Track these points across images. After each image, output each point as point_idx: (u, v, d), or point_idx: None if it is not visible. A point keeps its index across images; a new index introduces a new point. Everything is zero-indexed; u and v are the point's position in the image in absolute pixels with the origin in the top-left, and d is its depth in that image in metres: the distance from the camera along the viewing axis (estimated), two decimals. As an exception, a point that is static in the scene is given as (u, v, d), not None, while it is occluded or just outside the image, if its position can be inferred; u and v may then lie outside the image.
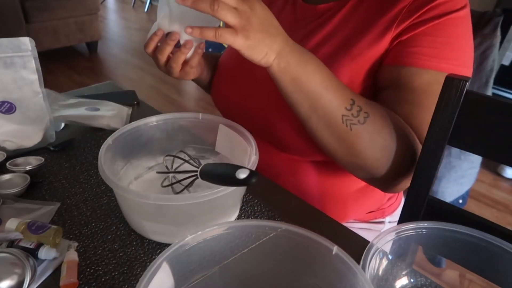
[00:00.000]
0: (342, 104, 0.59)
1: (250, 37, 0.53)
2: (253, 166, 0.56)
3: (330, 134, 0.61)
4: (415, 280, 0.53)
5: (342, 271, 0.40)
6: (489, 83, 1.02)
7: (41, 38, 3.17)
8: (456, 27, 0.62)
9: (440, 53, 0.62)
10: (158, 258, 0.39)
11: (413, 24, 0.63)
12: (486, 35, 0.96)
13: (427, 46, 0.62)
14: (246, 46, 0.54)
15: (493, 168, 2.20)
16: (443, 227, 0.50)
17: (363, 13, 0.68)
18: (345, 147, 0.62)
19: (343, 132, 0.60)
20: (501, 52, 2.12)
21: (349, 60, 0.66)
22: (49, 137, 0.79)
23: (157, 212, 0.56)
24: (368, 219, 0.85)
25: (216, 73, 0.85)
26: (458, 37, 0.63)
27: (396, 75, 0.64)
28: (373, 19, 0.66)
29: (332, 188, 0.78)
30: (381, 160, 0.62)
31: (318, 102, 0.59)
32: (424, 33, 0.62)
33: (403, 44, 0.63)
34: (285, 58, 0.57)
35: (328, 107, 0.59)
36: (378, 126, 0.61)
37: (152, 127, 0.68)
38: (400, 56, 0.64)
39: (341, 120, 0.60)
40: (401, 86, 0.64)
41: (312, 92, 0.58)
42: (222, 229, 0.44)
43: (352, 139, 0.61)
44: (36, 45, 0.72)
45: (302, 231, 0.43)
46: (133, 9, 5.41)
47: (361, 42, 0.66)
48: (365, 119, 0.60)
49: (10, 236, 0.52)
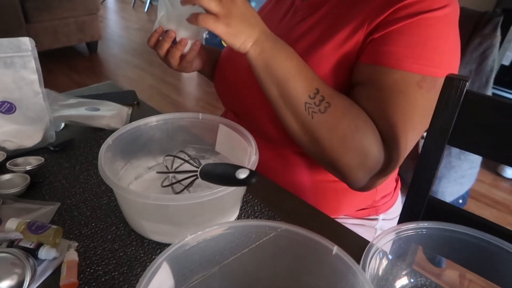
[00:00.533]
0: (306, 92, 0.63)
1: (231, 25, 0.59)
2: (253, 166, 0.56)
3: (295, 120, 0.65)
4: (415, 280, 0.53)
5: (342, 271, 0.40)
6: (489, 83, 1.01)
7: (41, 38, 3.17)
8: (431, 27, 0.61)
9: (412, 53, 0.61)
10: (158, 258, 0.39)
11: (385, 23, 0.63)
12: (486, 35, 0.96)
13: (399, 45, 0.62)
14: (226, 33, 0.60)
15: (493, 168, 2.20)
16: (443, 227, 0.50)
17: (343, 7, 0.70)
18: (307, 135, 0.66)
19: (305, 120, 0.64)
20: (501, 52, 2.12)
21: (327, 52, 0.68)
22: (49, 137, 0.79)
23: (157, 212, 0.56)
24: (361, 215, 0.85)
25: (217, 66, 0.89)
26: (433, 38, 0.62)
27: (368, 72, 0.65)
28: (351, 14, 0.67)
29: (323, 182, 0.79)
30: (339, 150, 0.64)
31: (284, 87, 0.63)
32: (397, 32, 0.62)
33: (376, 42, 0.64)
34: (260, 45, 0.62)
35: (293, 93, 0.63)
36: (338, 117, 0.63)
37: (152, 127, 0.68)
38: (373, 54, 0.64)
39: (304, 108, 0.64)
40: (371, 84, 0.64)
41: (280, 77, 0.63)
42: (222, 229, 0.44)
43: (313, 127, 0.64)
44: (36, 45, 0.72)
45: (302, 231, 0.43)
46: (133, 9, 5.41)
47: (338, 36, 0.67)
48: (326, 108, 0.63)
49: (10, 236, 0.52)
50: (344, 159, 0.65)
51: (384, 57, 0.62)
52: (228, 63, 0.85)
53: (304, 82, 0.63)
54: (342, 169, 0.66)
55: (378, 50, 0.63)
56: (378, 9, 0.63)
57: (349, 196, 0.80)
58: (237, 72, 0.81)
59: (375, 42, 0.64)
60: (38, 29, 3.15)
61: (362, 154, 0.64)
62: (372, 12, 0.64)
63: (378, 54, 0.63)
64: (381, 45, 0.63)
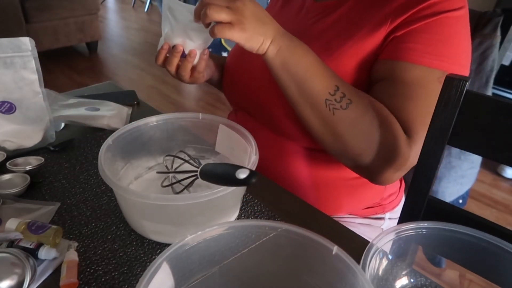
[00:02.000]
0: (326, 89, 0.63)
1: (246, 29, 0.59)
2: (253, 166, 0.56)
3: (315, 117, 0.65)
4: (415, 280, 0.53)
5: (342, 271, 0.40)
6: (489, 83, 1.01)
7: (41, 38, 3.16)
8: (451, 26, 0.64)
9: (434, 50, 0.63)
10: (158, 258, 0.39)
11: (409, 21, 0.64)
12: (486, 35, 0.96)
13: (421, 42, 0.64)
14: (244, 38, 0.59)
15: (493, 168, 2.20)
16: (443, 227, 0.50)
17: (363, 7, 0.71)
18: (328, 130, 0.66)
19: (326, 116, 0.64)
20: (501, 52, 2.11)
21: (347, 50, 0.69)
22: (49, 137, 0.79)
23: (157, 212, 0.56)
24: (368, 214, 0.86)
25: (224, 71, 0.90)
26: (453, 36, 0.64)
27: (389, 69, 0.66)
28: (370, 14, 0.68)
29: (324, 178, 0.79)
30: (362, 145, 0.65)
31: (303, 85, 0.64)
32: (419, 30, 0.64)
33: (398, 39, 0.65)
34: (277, 44, 0.62)
35: (313, 90, 0.64)
36: (360, 113, 0.64)
37: (152, 127, 0.68)
38: (395, 51, 0.66)
39: (325, 104, 0.64)
40: (392, 80, 0.65)
41: (299, 75, 0.63)
42: (222, 229, 0.44)
43: (335, 123, 0.64)
44: (36, 45, 0.72)
45: (302, 231, 0.43)
46: (133, 9, 5.41)
47: (358, 34, 0.68)
48: (347, 105, 0.64)
49: (10, 236, 0.52)
50: (368, 155, 0.65)
51: (406, 53, 0.64)
52: (239, 65, 0.85)
53: (323, 79, 0.64)
54: (366, 165, 0.67)
55: (400, 46, 0.65)
56: (401, 8, 0.65)
57: (352, 195, 0.80)
58: (249, 72, 0.81)
59: (397, 40, 0.65)
60: (38, 29, 3.15)
61: (387, 149, 0.64)
62: (394, 11, 0.66)
63: (400, 51, 0.65)
64: (403, 42, 0.65)
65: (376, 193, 0.83)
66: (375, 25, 0.67)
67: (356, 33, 0.69)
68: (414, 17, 0.64)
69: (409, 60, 0.64)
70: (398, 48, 0.65)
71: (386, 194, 0.85)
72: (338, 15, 0.73)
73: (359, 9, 0.71)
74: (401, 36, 0.65)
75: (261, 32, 0.60)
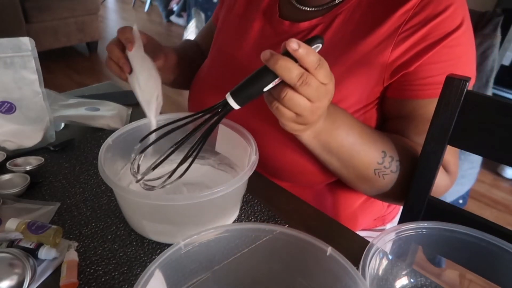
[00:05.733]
0: (374, 159, 0.61)
1: (305, 123, 0.52)
2: (253, 166, 0.56)
3: (361, 183, 0.65)
4: (415, 280, 0.53)
5: (336, 272, 0.40)
6: (489, 83, 1.02)
7: (41, 38, 3.16)
8: (460, 45, 0.61)
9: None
10: (150, 266, 0.38)
11: (417, 52, 0.60)
12: (486, 35, 0.96)
13: (438, 74, 0.61)
14: (295, 130, 0.54)
15: (493, 168, 2.20)
16: (443, 227, 0.50)
17: (355, 28, 0.65)
18: (376, 191, 0.66)
19: (374, 182, 0.63)
20: (501, 52, 2.11)
21: (343, 80, 0.63)
22: (49, 137, 0.79)
23: (157, 212, 0.56)
24: (370, 227, 0.85)
25: (196, 81, 0.82)
26: (463, 54, 0.62)
27: (410, 107, 0.64)
28: (366, 35, 0.63)
29: (343, 204, 0.77)
30: (402, 186, 0.65)
31: (349, 162, 0.61)
32: (432, 61, 0.60)
33: (412, 76, 0.62)
34: (317, 130, 0.56)
35: (360, 165, 0.61)
36: (408, 167, 0.64)
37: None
38: (412, 90, 0.62)
39: (373, 173, 0.62)
40: (417, 118, 0.64)
41: (342, 154, 0.60)
42: (217, 233, 0.44)
43: (384, 186, 0.64)
44: (36, 45, 0.72)
45: (296, 233, 0.43)
46: (133, 9, 5.40)
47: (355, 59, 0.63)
48: (397, 167, 0.63)
49: (10, 236, 0.52)
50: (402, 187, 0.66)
51: (428, 90, 0.62)
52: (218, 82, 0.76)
53: (370, 152, 0.60)
54: (395, 193, 0.67)
55: (419, 83, 0.62)
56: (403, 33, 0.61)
57: (365, 212, 0.79)
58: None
59: (412, 76, 0.62)
60: (38, 29, 3.15)
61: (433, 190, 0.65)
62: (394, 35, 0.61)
63: (420, 89, 0.62)
64: (419, 79, 0.62)
65: (381, 206, 0.83)
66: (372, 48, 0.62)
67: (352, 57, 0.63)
68: (422, 46, 0.60)
69: (432, 96, 0.61)
70: (416, 86, 0.62)
71: (386, 205, 0.84)
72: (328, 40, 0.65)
73: (348, 29, 0.65)
74: (415, 72, 0.61)
75: (312, 124, 0.54)
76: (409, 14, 0.60)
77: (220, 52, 0.81)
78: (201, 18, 3.36)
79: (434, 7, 0.59)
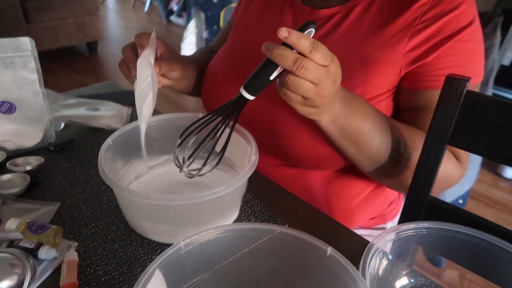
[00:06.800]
0: (389, 146, 0.63)
1: (316, 106, 0.54)
2: (253, 166, 0.56)
3: (375, 169, 0.66)
4: (415, 280, 0.53)
5: (336, 272, 0.40)
6: (489, 83, 1.02)
7: (41, 38, 3.17)
8: (473, 41, 0.64)
9: (465, 69, 0.64)
10: (150, 266, 0.38)
11: (433, 44, 0.63)
12: (486, 35, 0.96)
13: (453, 66, 0.63)
14: (307, 113, 0.55)
15: (493, 168, 2.20)
16: (443, 227, 0.50)
17: (373, 18, 0.67)
18: (389, 177, 0.68)
19: (388, 168, 0.65)
20: (501, 52, 2.11)
21: (359, 67, 0.66)
22: (49, 137, 0.79)
23: (157, 212, 0.56)
24: (370, 225, 0.85)
25: (205, 78, 0.83)
26: (476, 49, 0.65)
27: (424, 98, 0.66)
28: (384, 26, 0.65)
29: (339, 198, 0.77)
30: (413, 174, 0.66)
31: (364, 148, 0.63)
32: (447, 54, 0.63)
33: (428, 67, 0.64)
34: (334, 114, 0.58)
35: (375, 151, 0.63)
36: (419, 154, 0.64)
37: (152, 127, 0.68)
38: (428, 80, 0.65)
39: (388, 159, 0.64)
40: (430, 109, 0.64)
41: (358, 139, 0.62)
42: (216, 233, 0.44)
43: (398, 172, 0.66)
44: (36, 45, 0.72)
45: (296, 233, 0.43)
46: (133, 9, 5.40)
47: (372, 48, 0.65)
48: (410, 154, 0.65)
49: (10, 236, 0.52)
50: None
51: (441, 80, 0.61)
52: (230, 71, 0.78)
53: (385, 138, 0.63)
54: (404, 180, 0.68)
55: (435, 74, 0.64)
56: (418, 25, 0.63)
57: (362, 209, 0.79)
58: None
59: (428, 67, 0.64)
60: (38, 29, 3.15)
61: (444, 181, 0.67)
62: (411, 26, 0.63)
63: (437, 79, 0.64)
64: (436, 70, 0.64)
65: (380, 204, 0.83)
66: (391, 37, 0.64)
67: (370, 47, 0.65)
68: (438, 39, 0.62)
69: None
70: (432, 76, 0.64)
71: (387, 203, 0.84)
72: (346, 28, 0.67)
73: (369, 19, 0.67)
74: (432, 63, 0.63)
75: (327, 108, 0.55)
76: (425, 8, 0.63)
77: (241, 39, 0.82)
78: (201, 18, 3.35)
79: (448, 3, 0.62)
